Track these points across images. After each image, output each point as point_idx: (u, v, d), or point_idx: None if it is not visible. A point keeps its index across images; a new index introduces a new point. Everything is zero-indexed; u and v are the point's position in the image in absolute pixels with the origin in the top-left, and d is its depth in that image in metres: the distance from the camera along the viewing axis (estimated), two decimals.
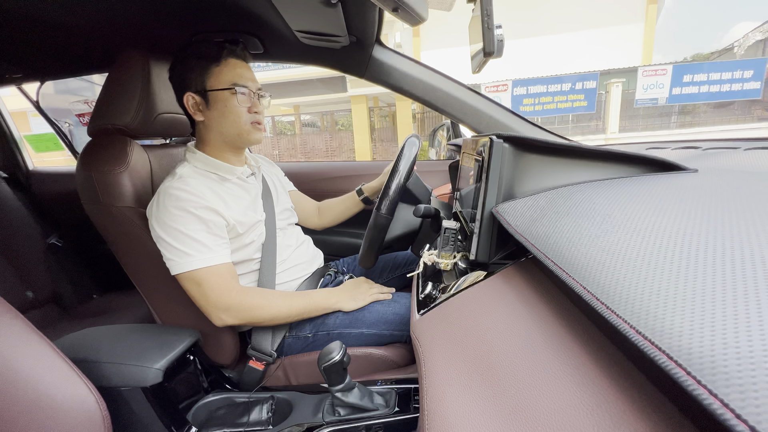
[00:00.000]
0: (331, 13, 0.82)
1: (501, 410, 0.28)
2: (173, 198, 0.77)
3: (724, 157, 0.54)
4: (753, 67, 9.42)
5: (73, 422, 0.50)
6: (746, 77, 9.43)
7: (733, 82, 9.50)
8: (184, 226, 0.77)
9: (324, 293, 0.91)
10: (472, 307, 0.45)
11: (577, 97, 10.03)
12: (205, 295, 0.79)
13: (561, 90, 10.06)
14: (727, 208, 0.28)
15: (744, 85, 9.52)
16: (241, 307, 0.81)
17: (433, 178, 1.45)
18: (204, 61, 0.83)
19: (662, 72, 9.58)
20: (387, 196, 0.80)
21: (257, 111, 0.88)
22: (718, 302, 0.19)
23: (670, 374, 0.18)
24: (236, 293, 0.81)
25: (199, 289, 0.79)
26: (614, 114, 10.29)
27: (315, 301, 0.89)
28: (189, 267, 0.77)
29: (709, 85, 9.55)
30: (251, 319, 0.84)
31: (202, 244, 0.78)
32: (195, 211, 0.78)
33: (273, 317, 0.85)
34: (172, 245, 0.77)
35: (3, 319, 0.49)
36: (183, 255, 0.77)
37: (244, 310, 0.81)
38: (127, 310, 1.37)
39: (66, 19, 0.91)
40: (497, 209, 0.50)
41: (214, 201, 0.81)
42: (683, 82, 9.59)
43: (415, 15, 0.54)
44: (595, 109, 10.13)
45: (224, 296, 0.79)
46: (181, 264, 0.77)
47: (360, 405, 0.68)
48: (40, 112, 1.59)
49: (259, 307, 0.83)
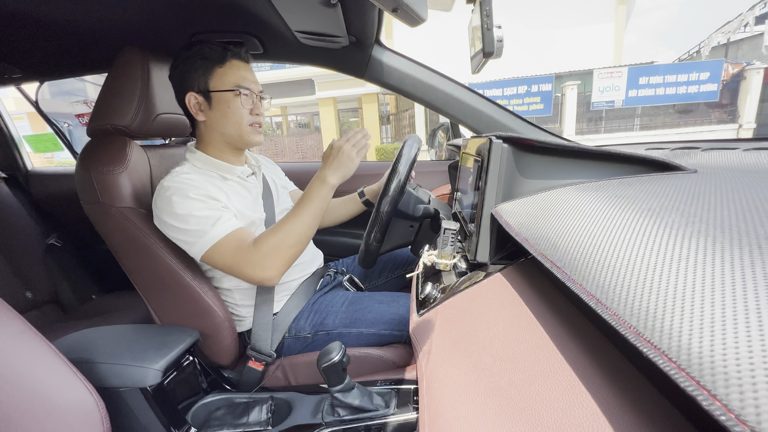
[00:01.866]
0: (330, 13, 0.82)
1: (500, 410, 0.28)
2: (174, 189, 0.78)
3: (724, 158, 0.54)
4: (709, 69, 9.41)
5: (72, 423, 0.50)
6: (702, 79, 9.40)
7: (689, 85, 9.48)
8: (190, 209, 0.77)
9: (312, 183, 0.85)
10: (472, 308, 0.45)
11: (534, 99, 10.00)
12: (236, 262, 0.79)
13: (517, 93, 10.02)
14: (726, 208, 0.28)
15: (701, 87, 9.50)
16: (265, 252, 0.79)
17: (433, 178, 1.45)
18: (208, 62, 0.83)
19: (618, 74, 9.55)
20: (387, 196, 0.80)
21: (258, 113, 0.89)
22: (717, 303, 0.19)
23: (670, 376, 0.18)
24: (254, 246, 0.80)
25: (227, 259, 0.79)
26: (570, 117, 10.29)
27: (309, 194, 0.84)
28: (209, 243, 0.78)
29: (665, 87, 9.53)
30: (282, 255, 0.80)
31: (212, 219, 0.78)
32: (197, 196, 0.78)
33: (294, 237, 0.81)
34: (185, 229, 0.77)
35: (2, 320, 0.49)
36: (199, 234, 0.77)
37: (270, 253, 0.79)
38: (126, 311, 1.37)
39: (66, 18, 0.91)
40: (496, 210, 0.50)
41: (216, 192, 0.82)
42: (639, 84, 9.56)
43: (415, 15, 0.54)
44: (552, 112, 10.12)
45: (251, 254, 0.79)
46: (201, 244, 0.78)
47: (359, 405, 0.68)
48: (39, 112, 1.59)
49: (278, 240, 0.80)
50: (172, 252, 0.83)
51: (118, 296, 1.54)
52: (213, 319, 0.86)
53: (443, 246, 0.63)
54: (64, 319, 1.43)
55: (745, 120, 9.38)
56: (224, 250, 0.78)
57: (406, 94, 1.10)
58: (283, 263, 0.81)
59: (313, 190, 0.84)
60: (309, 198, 0.84)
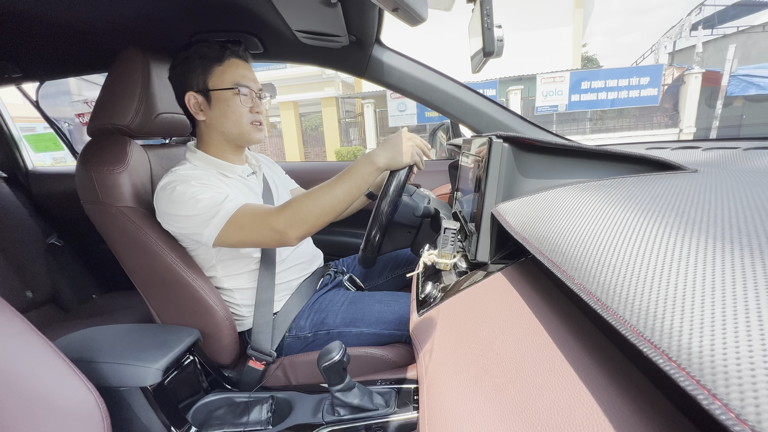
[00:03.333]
0: (330, 13, 0.82)
1: (500, 410, 0.28)
2: (177, 181, 0.78)
3: (724, 157, 0.54)
4: (649, 74, 9.54)
5: (73, 422, 0.50)
6: (643, 84, 9.51)
7: (630, 89, 9.60)
8: (196, 195, 0.76)
9: (360, 159, 0.81)
10: (472, 307, 0.45)
11: None
12: (255, 228, 0.76)
13: None
14: (726, 207, 0.28)
15: (641, 91, 9.63)
16: (288, 215, 0.76)
17: (433, 178, 1.45)
18: (206, 61, 0.83)
19: (560, 79, 9.68)
20: (387, 196, 0.80)
21: (258, 111, 0.88)
22: (717, 302, 0.19)
23: (670, 375, 0.18)
24: (279, 208, 0.77)
25: (246, 227, 0.76)
26: None
27: (352, 168, 0.79)
28: (222, 221, 0.76)
29: (607, 91, 9.66)
30: (305, 221, 0.76)
31: (220, 199, 0.77)
32: (200, 184, 0.78)
33: (322, 207, 0.77)
34: (194, 215, 0.76)
35: (2, 319, 0.49)
36: (210, 215, 0.76)
37: (294, 215, 0.76)
38: (126, 310, 1.37)
39: (66, 18, 0.91)
40: (497, 209, 0.50)
41: (217, 183, 0.82)
42: (581, 88, 9.73)
43: (415, 15, 0.54)
44: None
45: (273, 216, 0.76)
46: (214, 224, 0.76)
47: (360, 405, 0.68)
48: (40, 111, 1.59)
49: (306, 206, 0.76)
50: (172, 251, 0.83)
51: (119, 296, 1.54)
52: (213, 318, 0.86)
53: (443, 245, 0.63)
54: (64, 319, 1.43)
55: (686, 124, 9.52)
56: (241, 222, 0.76)
57: (406, 93, 1.10)
58: (305, 230, 0.77)
59: (358, 165, 0.79)
60: (350, 172, 0.79)
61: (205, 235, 0.77)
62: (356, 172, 0.78)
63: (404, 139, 0.80)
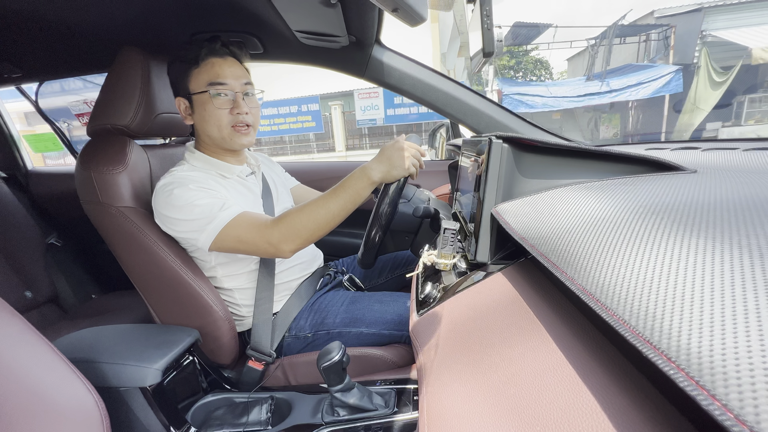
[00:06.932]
0: (330, 13, 0.82)
1: (500, 410, 0.28)
2: (174, 183, 0.78)
3: (723, 158, 0.54)
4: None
5: (72, 422, 0.50)
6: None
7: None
8: (193, 199, 0.76)
9: (354, 172, 0.79)
10: (471, 308, 0.45)
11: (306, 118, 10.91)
12: (250, 238, 0.76)
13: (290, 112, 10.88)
14: (726, 208, 0.28)
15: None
16: (283, 230, 0.76)
17: (433, 178, 1.45)
18: (184, 65, 0.82)
19: (375, 94, 10.14)
20: (387, 196, 0.80)
21: (241, 112, 0.82)
22: (717, 303, 0.19)
23: (669, 376, 0.18)
24: (274, 221, 0.77)
25: (242, 236, 0.76)
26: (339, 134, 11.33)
27: (345, 183, 0.78)
28: (219, 227, 0.75)
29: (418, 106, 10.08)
30: (299, 236, 0.76)
31: (217, 205, 0.77)
32: (198, 187, 0.78)
33: (316, 222, 0.76)
34: (190, 220, 0.76)
35: (2, 320, 0.49)
36: (206, 221, 0.75)
37: (289, 231, 0.76)
38: (126, 310, 1.37)
39: (66, 18, 0.91)
40: (496, 209, 0.50)
41: (215, 186, 0.81)
42: (395, 103, 10.23)
43: (415, 15, 0.54)
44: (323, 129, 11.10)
45: (269, 228, 0.76)
46: (210, 230, 0.75)
47: (359, 405, 0.68)
48: (39, 111, 1.59)
49: (300, 220, 0.76)
50: (172, 251, 0.83)
51: (118, 296, 1.54)
52: (213, 318, 0.86)
53: (443, 246, 0.63)
54: (64, 319, 1.43)
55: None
56: (237, 230, 0.76)
57: (406, 93, 1.11)
58: (299, 244, 0.77)
59: (352, 179, 0.77)
60: (344, 187, 0.77)
61: (201, 241, 0.78)
62: (350, 186, 0.77)
63: (399, 149, 0.77)
